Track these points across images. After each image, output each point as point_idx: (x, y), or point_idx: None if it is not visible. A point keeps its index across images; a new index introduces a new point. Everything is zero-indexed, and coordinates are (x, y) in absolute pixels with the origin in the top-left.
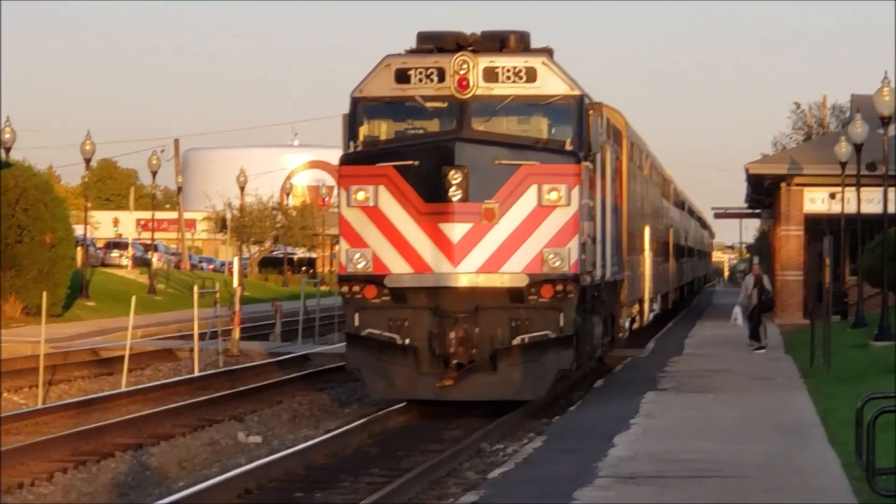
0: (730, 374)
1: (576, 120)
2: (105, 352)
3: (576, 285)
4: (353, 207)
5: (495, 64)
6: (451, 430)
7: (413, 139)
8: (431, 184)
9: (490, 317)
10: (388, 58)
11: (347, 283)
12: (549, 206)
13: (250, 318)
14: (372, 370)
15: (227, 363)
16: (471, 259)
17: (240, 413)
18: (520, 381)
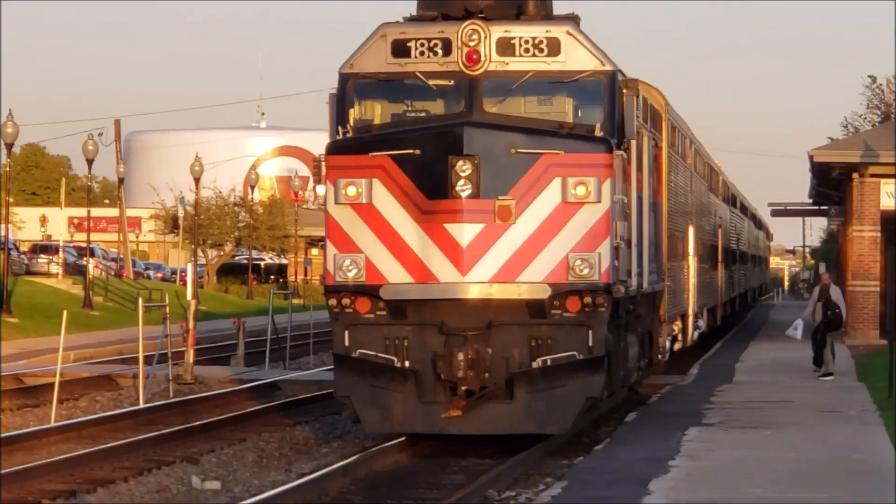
0: (790, 406)
1: (607, 100)
2: (30, 378)
3: (607, 297)
4: (342, 205)
5: (511, 34)
6: (451, 473)
7: (414, 124)
8: (435, 177)
9: (505, 335)
10: (383, 27)
11: (336, 295)
12: (576, 204)
13: (207, 337)
14: (365, 398)
15: (178, 392)
16: (482, 266)
17: (194, 453)
18: (541, 412)
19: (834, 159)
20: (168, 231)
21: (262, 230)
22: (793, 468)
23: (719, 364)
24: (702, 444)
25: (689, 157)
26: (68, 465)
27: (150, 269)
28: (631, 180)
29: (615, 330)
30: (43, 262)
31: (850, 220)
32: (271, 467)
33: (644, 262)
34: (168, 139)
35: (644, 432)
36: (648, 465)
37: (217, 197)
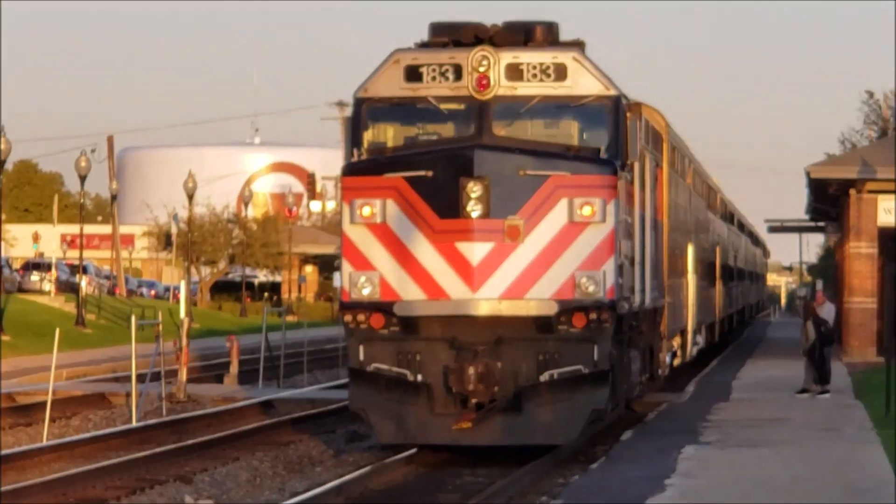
0: (787, 423)
1: (612, 124)
2: (22, 397)
3: (612, 313)
4: (357, 224)
5: (519, 60)
6: (446, 492)
7: (426, 146)
8: (447, 197)
9: (514, 349)
10: (396, 53)
11: (351, 312)
12: (582, 223)
13: (201, 355)
14: (379, 411)
15: (171, 411)
16: (492, 283)
17: (187, 472)
18: (548, 424)
19: (831, 175)
20: (161, 248)
21: (255, 247)
22: (789, 487)
23: (716, 382)
24: (698, 463)
25: (689, 177)
26: (61, 484)
27: (143, 286)
28: (634, 200)
29: (619, 345)
30: (35, 279)
31: (848, 237)
32: (265, 486)
33: (646, 280)
34: (161, 155)
35: (640, 450)
36: (645, 483)
37: (211, 214)
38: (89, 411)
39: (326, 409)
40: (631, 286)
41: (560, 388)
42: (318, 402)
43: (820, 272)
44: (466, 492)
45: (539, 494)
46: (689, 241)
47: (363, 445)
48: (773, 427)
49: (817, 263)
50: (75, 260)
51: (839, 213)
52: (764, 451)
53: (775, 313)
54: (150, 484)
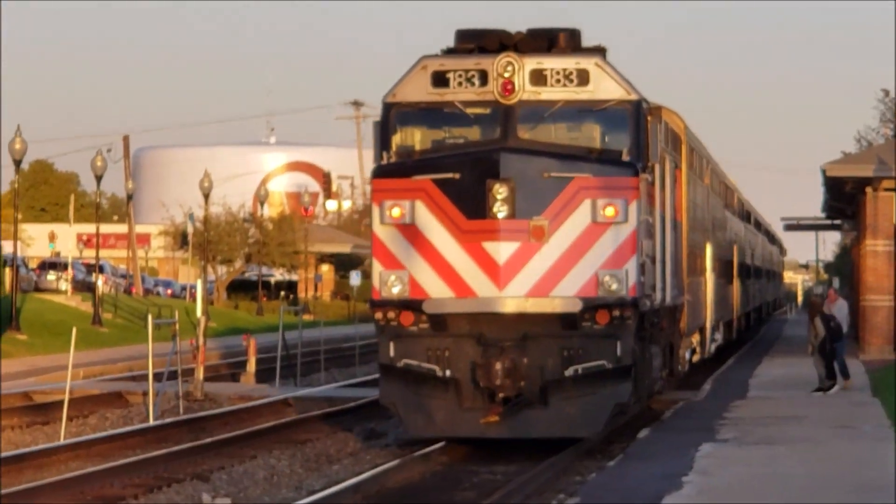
0: (804, 421)
1: (633, 127)
2: (40, 396)
3: (634, 310)
4: (387, 225)
5: (543, 65)
6: (462, 489)
7: (453, 149)
8: (474, 199)
9: (540, 345)
10: (424, 59)
11: (381, 309)
12: (605, 224)
13: (217, 354)
14: (409, 405)
15: (188, 409)
16: (518, 282)
17: (204, 470)
18: (573, 417)
19: (847, 173)
20: (178, 247)
21: (271, 246)
22: (806, 484)
23: (733, 379)
24: (715, 461)
25: (706, 177)
26: (78, 482)
27: (160, 285)
28: (655, 202)
29: (640, 341)
30: (52, 278)
31: (864, 235)
32: (282, 484)
33: (667, 278)
34: (177, 155)
35: (658, 448)
36: (661, 481)
37: (227, 213)
38: (106, 410)
39: (343, 407)
40: (652, 284)
41: (584, 382)
42: (334, 401)
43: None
44: (483, 489)
45: (556, 492)
46: (708, 239)
47: (380, 443)
48: (789, 424)
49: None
50: (91, 259)
51: (855, 211)
52: (781, 448)
53: (792, 311)
54: (168, 482)
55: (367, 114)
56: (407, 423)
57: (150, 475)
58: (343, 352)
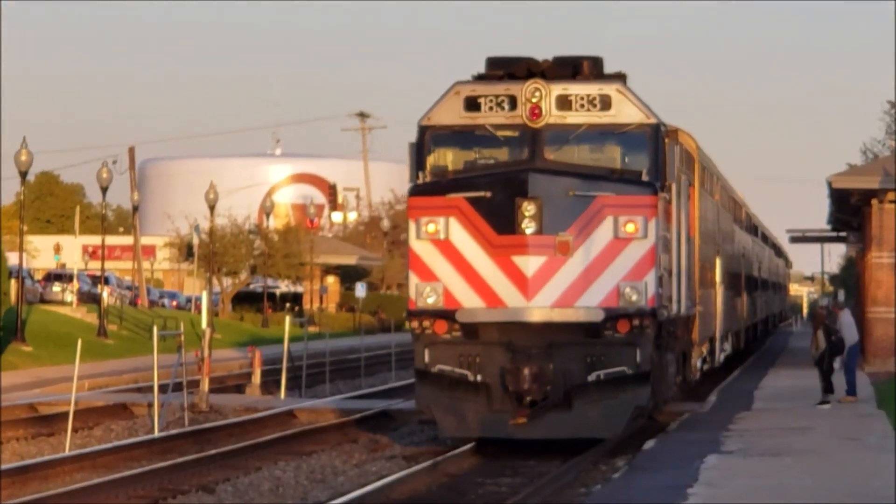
0: (810, 433)
1: (652, 149)
2: (45, 407)
3: (653, 320)
4: (422, 240)
5: (568, 91)
6: (468, 501)
7: (484, 169)
8: (504, 215)
9: (564, 352)
10: (457, 85)
11: (417, 318)
12: (626, 239)
13: (222, 366)
14: (442, 408)
15: (193, 421)
16: (545, 293)
17: (210, 482)
18: (596, 420)
19: (853, 185)
20: (183, 259)
21: (277, 258)
22: (812, 496)
23: (738, 391)
24: (720, 472)
25: (717, 193)
26: (83, 494)
27: (165, 297)
28: (672, 218)
29: (658, 349)
30: (57, 290)
31: (870, 247)
32: (287, 496)
33: (682, 290)
34: (182, 166)
35: (663, 460)
36: (667, 493)
37: (232, 225)
38: (111, 421)
39: (349, 418)
40: (669, 296)
41: (606, 387)
42: (340, 412)
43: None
44: (489, 501)
45: None
46: (718, 253)
47: (386, 455)
48: (795, 436)
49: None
50: (97, 271)
51: (861, 223)
52: (786, 459)
53: (797, 323)
54: (173, 494)
55: (373, 125)
56: (441, 425)
57: (155, 487)
58: (348, 363)
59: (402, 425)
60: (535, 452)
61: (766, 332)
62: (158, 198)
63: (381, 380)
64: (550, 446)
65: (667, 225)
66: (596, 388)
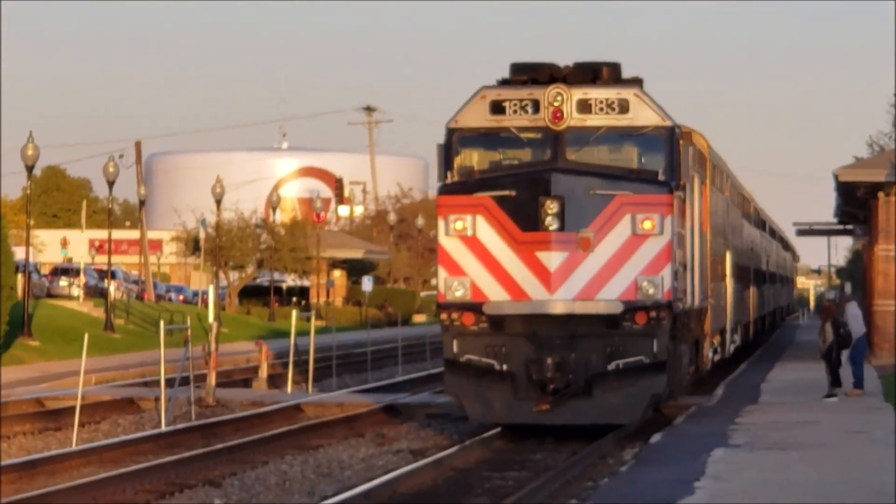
0: (817, 426)
1: (668, 150)
2: (52, 402)
3: (669, 312)
4: (451, 236)
5: (589, 96)
6: (475, 495)
7: (509, 169)
8: (528, 213)
9: (585, 343)
10: (483, 89)
11: (446, 311)
12: (643, 235)
13: (229, 359)
14: (470, 395)
15: (200, 415)
16: (567, 287)
17: (216, 476)
18: (615, 406)
19: (859, 178)
20: (189, 253)
21: (283, 252)
22: (818, 490)
23: (745, 384)
24: (727, 466)
25: (727, 190)
26: (90, 488)
27: (172, 291)
28: (686, 216)
29: (673, 340)
30: (64, 284)
31: (876, 240)
32: (294, 490)
33: (695, 283)
34: (189, 161)
35: (669, 454)
36: (673, 486)
37: (239, 219)
38: (118, 416)
39: (355, 412)
40: (683, 289)
41: (625, 375)
42: (346, 406)
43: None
44: (495, 495)
45: (568, 497)
46: (728, 248)
47: (392, 449)
48: (801, 430)
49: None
50: (104, 265)
51: (867, 216)
52: (793, 453)
53: (804, 316)
54: (180, 488)
55: (379, 119)
56: (469, 411)
57: (162, 481)
58: (355, 357)
59: (409, 419)
60: (542, 446)
61: (773, 324)
62: (165, 192)
63: (387, 374)
64: (570, 433)
65: (681, 222)
66: (615, 377)
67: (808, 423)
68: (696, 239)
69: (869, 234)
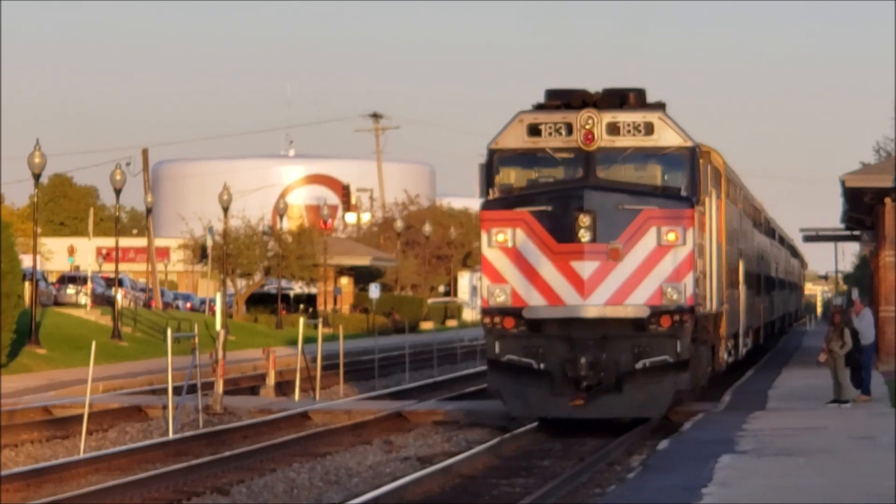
0: (824, 432)
1: (689, 168)
2: (59, 410)
3: (691, 316)
4: (493, 248)
5: (617, 119)
6: (483, 502)
7: (545, 187)
8: (563, 226)
9: (616, 344)
10: (520, 114)
11: (489, 315)
12: (668, 246)
13: (237, 367)
14: (511, 392)
15: (208, 423)
16: (599, 293)
17: (224, 484)
18: (643, 401)
19: (866, 184)
20: (197, 261)
21: (291, 259)
22: (825, 496)
23: (752, 390)
24: (735, 472)
25: (739, 202)
26: (98, 496)
27: (179, 299)
28: (706, 228)
29: (693, 342)
30: (71, 292)
31: (883, 245)
32: (301, 497)
33: (713, 290)
34: (196, 168)
35: (677, 460)
36: (681, 493)
37: (246, 226)
38: (126, 424)
39: (363, 420)
40: (703, 295)
41: (651, 373)
42: (354, 413)
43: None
44: (503, 502)
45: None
46: (741, 256)
47: (400, 456)
48: (809, 436)
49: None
50: (111, 273)
51: (874, 222)
52: (800, 459)
53: (811, 322)
54: (188, 496)
55: (386, 126)
56: (509, 406)
57: (170, 489)
58: (362, 365)
59: (416, 426)
60: (549, 453)
61: (782, 329)
62: (172, 199)
63: (395, 381)
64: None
65: (701, 234)
66: (643, 374)
67: (816, 429)
68: (714, 249)
69: (876, 240)
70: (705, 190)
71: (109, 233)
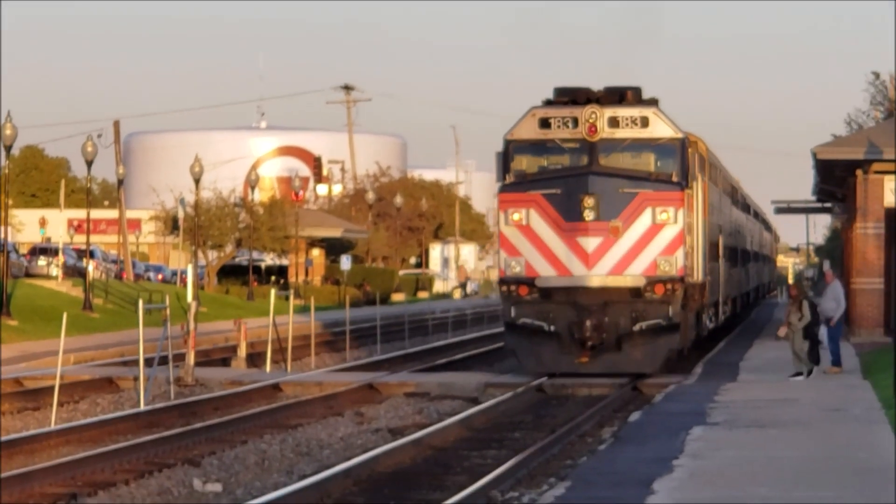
0: (795, 404)
1: (679, 157)
2: (30, 381)
3: (681, 284)
4: (509, 225)
5: (617, 114)
6: (454, 474)
7: (555, 173)
8: (570, 207)
9: (616, 309)
10: (533, 109)
11: (506, 284)
12: (661, 224)
13: (208, 339)
14: (525, 351)
15: (179, 394)
16: (602, 265)
17: (195, 455)
18: (639, 359)
19: (838, 156)
20: (168, 232)
21: (262, 231)
22: (797, 467)
23: (723, 363)
24: (706, 444)
25: (720, 183)
26: (69, 468)
27: (151, 270)
28: (693, 208)
29: (683, 308)
30: (42, 264)
31: (855, 218)
32: (273, 469)
33: (698, 263)
34: (168, 140)
35: (648, 432)
36: (652, 465)
37: (217, 198)
38: (97, 395)
39: (334, 391)
40: (691, 267)
41: (647, 334)
42: (325, 385)
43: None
44: (474, 473)
45: (547, 476)
46: (721, 232)
47: (371, 428)
48: (780, 408)
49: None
50: (82, 245)
51: (846, 195)
52: (772, 431)
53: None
54: (159, 467)
55: (358, 98)
56: (523, 363)
57: (141, 460)
58: (334, 337)
59: (388, 398)
60: (520, 425)
61: (756, 299)
62: (143, 171)
63: (366, 353)
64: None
65: (690, 213)
66: (640, 335)
67: (788, 401)
68: (700, 226)
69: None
70: (693, 175)
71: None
